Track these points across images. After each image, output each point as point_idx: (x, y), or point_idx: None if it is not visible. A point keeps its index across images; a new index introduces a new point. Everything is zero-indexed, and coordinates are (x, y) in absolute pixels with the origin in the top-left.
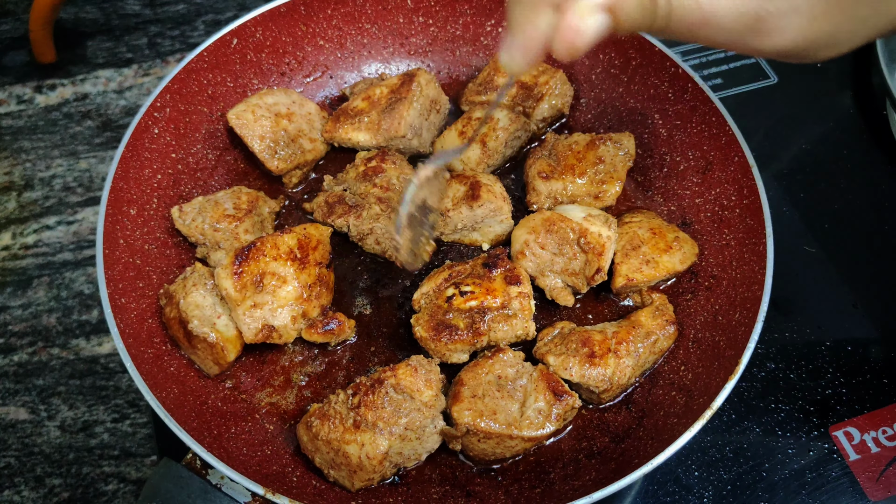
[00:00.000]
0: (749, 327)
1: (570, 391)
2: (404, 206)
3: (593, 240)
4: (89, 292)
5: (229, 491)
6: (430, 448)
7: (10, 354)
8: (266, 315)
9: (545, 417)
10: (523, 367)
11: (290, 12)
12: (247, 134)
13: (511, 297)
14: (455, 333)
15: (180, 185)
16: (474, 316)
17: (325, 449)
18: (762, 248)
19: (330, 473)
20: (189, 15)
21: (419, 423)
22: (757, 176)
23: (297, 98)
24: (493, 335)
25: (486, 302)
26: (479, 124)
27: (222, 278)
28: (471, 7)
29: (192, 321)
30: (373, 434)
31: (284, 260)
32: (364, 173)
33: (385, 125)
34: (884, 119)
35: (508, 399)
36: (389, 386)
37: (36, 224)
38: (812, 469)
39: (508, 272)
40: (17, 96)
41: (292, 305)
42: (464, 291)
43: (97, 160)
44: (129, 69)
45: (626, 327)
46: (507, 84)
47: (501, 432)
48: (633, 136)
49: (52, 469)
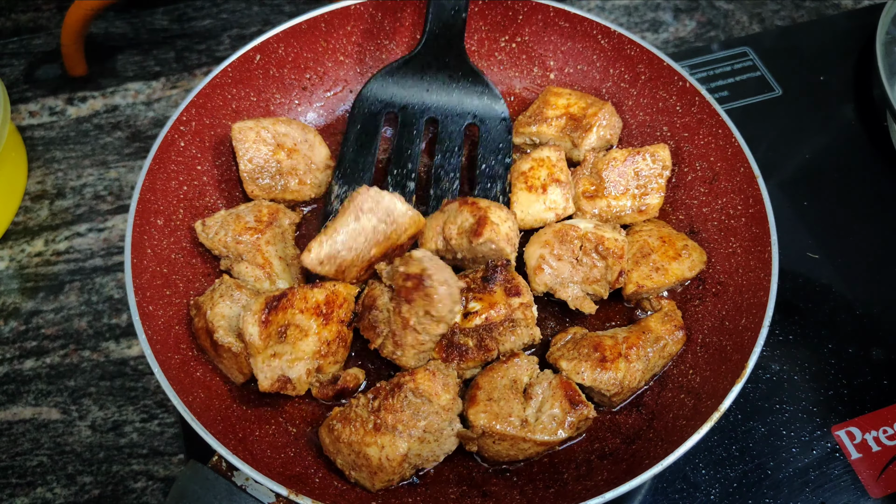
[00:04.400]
0: (755, 332)
1: (586, 402)
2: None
3: (612, 245)
4: (119, 297)
5: (254, 492)
6: (448, 450)
7: (43, 357)
8: (283, 366)
9: (559, 424)
10: (542, 374)
11: (312, 29)
12: (239, 149)
13: (514, 309)
14: (466, 353)
15: (205, 196)
16: (481, 333)
17: (346, 451)
18: (767, 255)
19: (351, 475)
20: (215, 30)
21: (437, 425)
22: (762, 186)
23: (312, 139)
24: (502, 347)
25: (491, 317)
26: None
27: (249, 324)
28: (486, 24)
29: (218, 331)
30: (392, 436)
31: (311, 314)
32: (398, 290)
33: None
34: (884, 130)
35: (523, 403)
36: (408, 390)
37: (67, 231)
38: (815, 467)
39: (508, 283)
40: (49, 108)
41: (309, 360)
42: (468, 312)
43: (126, 169)
44: (158, 82)
45: (637, 332)
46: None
47: (515, 435)
48: (667, 147)
49: (83, 467)
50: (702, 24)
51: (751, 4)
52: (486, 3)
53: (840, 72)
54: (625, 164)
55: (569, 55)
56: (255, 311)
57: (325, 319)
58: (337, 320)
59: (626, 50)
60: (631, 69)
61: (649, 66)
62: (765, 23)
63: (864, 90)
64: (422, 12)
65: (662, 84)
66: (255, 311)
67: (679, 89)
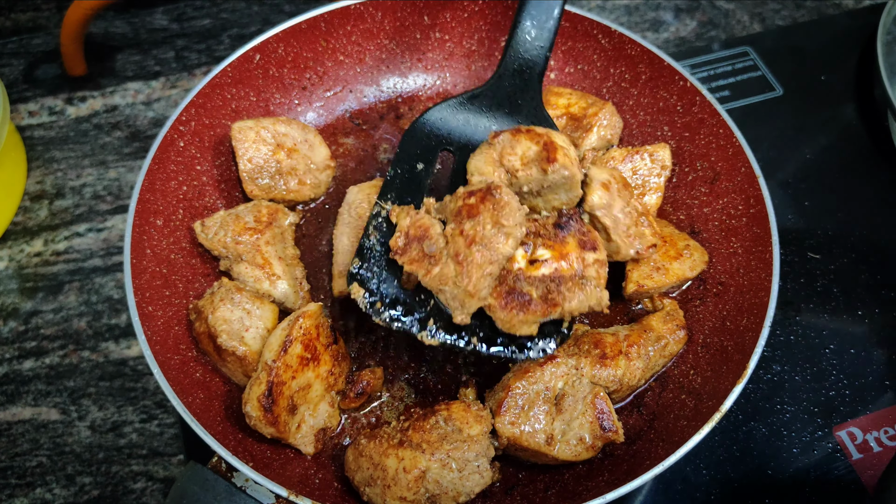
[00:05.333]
0: (756, 332)
1: (616, 426)
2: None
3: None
4: (118, 297)
5: (254, 493)
6: (468, 491)
7: (42, 357)
8: (311, 423)
9: (584, 448)
10: (580, 384)
11: (312, 29)
12: (239, 149)
13: (587, 265)
14: (528, 305)
15: (205, 197)
16: (549, 284)
17: (365, 465)
18: (769, 255)
19: (365, 491)
20: (215, 29)
21: (462, 454)
22: (763, 186)
23: (312, 140)
24: (566, 305)
25: (560, 269)
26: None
27: (261, 428)
28: (486, 23)
29: (221, 335)
30: (414, 452)
31: (301, 370)
32: (459, 210)
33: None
34: (885, 130)
35: (553, 415)
36: (441, 416)
37: (67, 231)
38: (816, 468)
39: (583, 236)
40: (48, 108)
41: (324, 397)
42: (534, 259)
43: (126, 169)
44: (157, 81)
45: (638, 331)
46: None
47: (538, 450)
48: (668, 147)
49: (82, 468)
50: (703, 23)
51: (752, 4)
52: (486, 3)
53: (841, 71)
54: (623, 163)
55: (569, 55)
56: (259, 418)
57: (315, 362)
58: (323, 349)
59: (627, 49)
60: (632, 69)
61: (650, 65)
62: (766, 22)
63: (865, 90)
64: (421, 12)
65: (663, 84)
66: (259, 418)
67: (680, 89)
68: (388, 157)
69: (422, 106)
